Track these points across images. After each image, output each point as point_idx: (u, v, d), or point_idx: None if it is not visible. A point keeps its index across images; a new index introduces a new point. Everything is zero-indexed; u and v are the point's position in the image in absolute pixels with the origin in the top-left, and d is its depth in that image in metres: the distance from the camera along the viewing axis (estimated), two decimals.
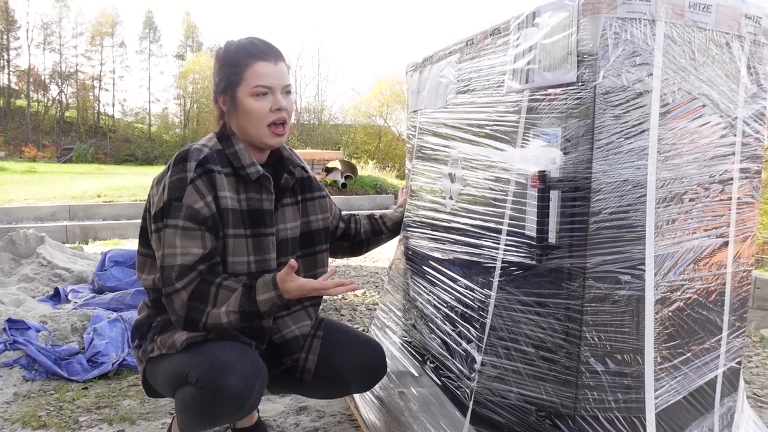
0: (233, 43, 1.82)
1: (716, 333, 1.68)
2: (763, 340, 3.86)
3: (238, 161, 1.78)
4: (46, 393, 2.78)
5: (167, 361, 1.76)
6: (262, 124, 1.77)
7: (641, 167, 1.40)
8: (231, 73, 1.78)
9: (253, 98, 1.76)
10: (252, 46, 1.78)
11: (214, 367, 1.62)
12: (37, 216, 9.19)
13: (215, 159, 1.76)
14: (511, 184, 1.60)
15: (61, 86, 42.51)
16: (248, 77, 1.75)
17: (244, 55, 1.77)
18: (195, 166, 1.72)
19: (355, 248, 2.27)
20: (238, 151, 1.79)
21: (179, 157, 1.76)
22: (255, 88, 1.75)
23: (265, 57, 1.77)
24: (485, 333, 1.69)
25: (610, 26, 1.35)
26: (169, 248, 1.68)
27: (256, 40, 1.81)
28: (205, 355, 1.67)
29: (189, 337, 1.72)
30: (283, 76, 1.80)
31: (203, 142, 1.82)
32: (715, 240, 1.60)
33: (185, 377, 1.67)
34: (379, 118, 35.29)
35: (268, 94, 1.77)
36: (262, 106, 1.76)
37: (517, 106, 1.58)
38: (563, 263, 1.44)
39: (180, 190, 1.69)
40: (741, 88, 1.58)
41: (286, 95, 1.81)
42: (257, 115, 1.76)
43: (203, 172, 1.72)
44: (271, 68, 1.77)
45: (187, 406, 1.70)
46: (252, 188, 1.80)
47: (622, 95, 1.38)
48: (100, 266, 4.38)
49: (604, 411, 1.45)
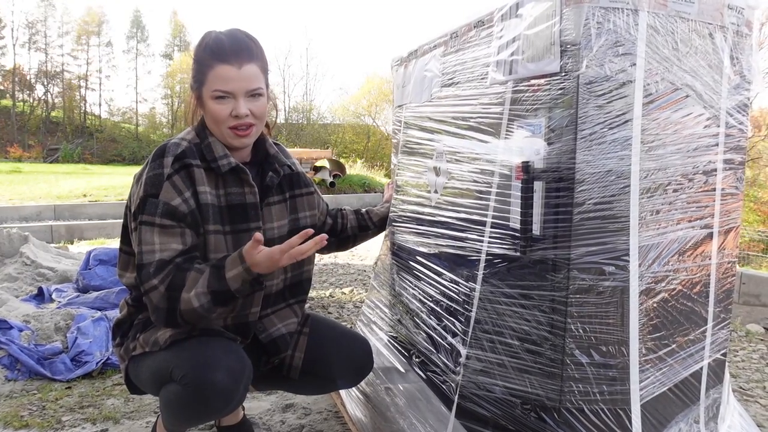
0: (206, 38, 1.75)
1: (701, 324, 1.67)
2: (749, 334, 3.89)
3: (210, 153, 1.74)
4: (28, 393, 2.74)
5: (150, 359, 1.73)
6: (223, 126, 1.72)
7: (625, 158, 1.40)
8: (197, 71, 1.73)
9: (214, 101, 1.70)
10: (218, 46, 1.70)
11: (199, 364, 1.60)
12: (22, 216, 9.10)
13: (193, 153, 1.73)
14: (496, 176, 1.59)
15: (47, 86, 42.14)
16: (210, 79, 1.69)
17: (208, 55, 1.70)
18: (172, 161, 1.68)
19: (341, 243, 2.25)
20: (211, 143, 1.75)
21: (157, 153, 1.73)
22: (214, 91, 1.69)
23: (228, 60, 1.68)
24: (470, 326, 1.68)
25: (593, 16, 1.34)
26: (147, 245, 1.64)
27: (224, 38, 1.72)
28: (189, 352, 1.65)
29: (173, 334, 1.69)
30: (247, 80, 1.69)
31: (182, 136, 1.79)
32: (700, 231, 1.60)
33: (170, 375, 1.64)
34: (368, 117, 35.32)
35: (228, 98, 1.70)
36: (222, 109, 1.70)
37: (501, 97, 1.58)
38: (547, 255, 1.44)
39: (157, 187, 1.66)
40: (724, 79, 1.58)
41: (253, 98, 1.72)
42: (217, 117, 1.71)
43: (181, 167, 1.69)
44: (232, 72, 1.68)
45: (172, 403, 1.67)
46: (232, 182, 1.77)
47: (605, 85, 1.37)
48: (84, 265, 4.33)
49: (589, 403, 1.44)
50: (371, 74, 39.84)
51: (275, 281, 1.87)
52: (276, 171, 1.89)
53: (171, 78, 41.87)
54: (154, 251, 1.64)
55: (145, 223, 1.65)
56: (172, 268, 1.63)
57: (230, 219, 1.75)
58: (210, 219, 1.71)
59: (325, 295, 4.84)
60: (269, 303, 1.88)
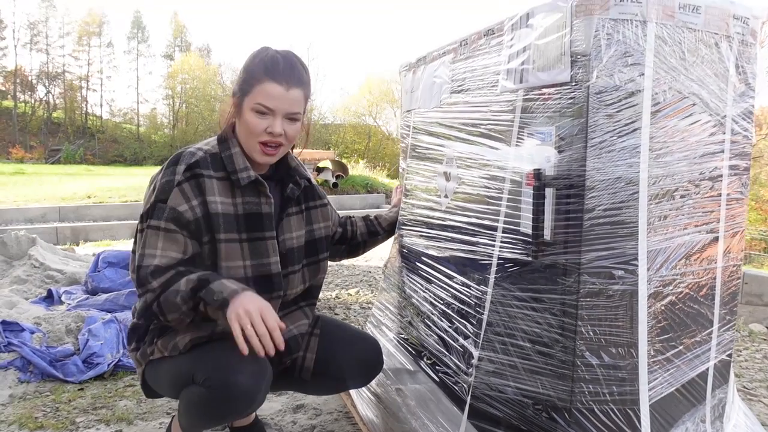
0: (262, 52, 1.80)
1: (707, 326, 1.71)
2: (752, 334, 3.92)
3: (231, 165, 1.79)
4: (41, 394, 2.78)
5: (169, 363, 1.77)
6: (254, 139, 1.77)
7: (634, 165, 1.43)
8: (245, 81, 1.77)
9: (253, 113, 1.75)
10: (272, 64, 1.75)
11: (222, 366, 1.65)
12: (27, 218, 9.13)
13: (208, 163, 1.77)
14: (507, 182, 1.63)
15: (48, 87, 42.20)
16: (255, 92, 1.74)
17: (260, 69, 1.75)
18: (184, 169, 1.73)
19: (352, 250, 2.30)
20: (233, 155, 1.80)
21: (172, 160, 1.78)
22: (257, 104, 1.73)
23: (278, 79, 1.73)
24: (482, 329, 1.72)
25: (602, 27, 1.38)
26: (149, 249, 1.69)
27: (281, 59, 1.77)
28: (211, 355, 1.70)
29: (192, 338, 1.74)
30: (290, 102, 1.75)
31: (200, 145, 1.83)
32: (706, 235, 1.64)
33: (191, 378, 1.68)
34: (369, 117, 35.32)
35: (267, 115, 1.74)
36: (258, 123, 1.75)
37: (512, 105, 1.61)
38: (558, 259, 1.47)
39: (166, 192, 1.71)
40: (730, 87, 1.62)
41: (290, 122, 1.78)
42: (251, 129, 1.76)
43: (191, 176, 1.74)
44: (279, 91, 1.73)
45: (194, 405, 1.71)
46: (248, 192, 1.81)
47: (614, 94, 1.41)
48: (93, 267, 4.37)
49: (599, 403, 1.48)
50: (371, 74, 39.88)
51: (295, 290, 1.92)
52: (297, 183, 1.94)
53: (172, 79, 41.91)
54: (155, 255, 1.68)
55: (152, 227, 1.70)
56: (174, 273, 1.68)
57: (246, 227, 1.79)
58: (221, 228, 1.74)
59: (332, 296, 4.88)
60: (283, 307, 1.92)
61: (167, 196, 1.71)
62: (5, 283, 4.50)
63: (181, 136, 36.46)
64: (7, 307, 3.69)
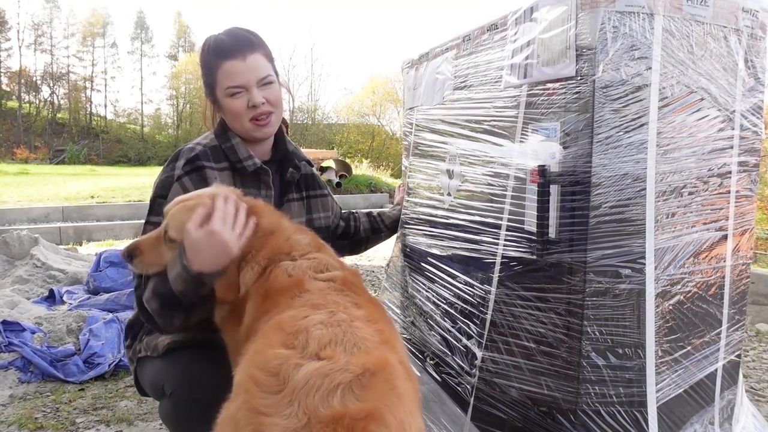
0: (207, 42, 1.79)
1: (716, 326, 1.68)
2: (759, 334, 3.88)
3: (234, 155, 1.78)
4: (42, 395, 2.76)
5: (150, 366, 1.73)
6: (243, 120, 1.76)
7: (641, 161, 1.40)
8: (207, 75, 1.77)
9: (229, 98, 1.74)
10: (219, 45, 1.74)
11: (185, 381, 1.59)
12: (30, 217, 9.13)
13: (208, 155, 1.76)
14: (510, 179, 1.60)
15: (53, 87, 42.30)
16: (220, 78, 1.73)
17: (213, 56, 1.74)
18: (184, 164, 1.72)
19: (354, 246, 2.27)
20: (235, 145, 1.79)
21: (171, 158, 1.77)
22: (227, 89, 1.72)
23: (232, 55, 1.72)
24: (485, 329, 1.69)
25: (608, 20, 1.35)
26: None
27: (224, 37, 1.76)
28: (180, 367, 1.63)
29: (169, 342, 1.69)
30: (255, 69, 1.73)
31: (198, 141, 1.82)
32: (714, 233, 1.60)
33: (162, 388, 1.65)
34: (373, 117, 35.30)
35: (241, 93, 1.73)
36: (238, 104, 1.73)
37: (516, 101, 1.58)
38: (563, 258, 1.44)
39: (166, 188, 1.70)
40: (739, 82, 1.59)
41: (265, 87, 1.76)
42: (236, 113, 1.75)
43: (192, 169, 1.72)
44: (239, 66, 1.72)
45: (165, 418, 1.68)
46: (250, 183, 1.80)
47: (621, 89, 1.37)
48: (95, 267, 4.36)
49: (605, 405, 1.45)
50: (375, 74, 39.88)
51: None
52: (296, 167, 1.93)
53: (176, 79, 41.98)
54: None
55: (151, 224, 1.68)
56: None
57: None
58: None
59: None
60: None
61: (167, 191, 1.69)
62: (7, 282, 4.49)
63: (185, 136, 36.47)
64: (8, 307, 3.68)
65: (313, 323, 1.10)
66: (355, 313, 1.21)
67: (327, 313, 1.16)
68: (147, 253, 1.51)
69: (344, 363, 0.96)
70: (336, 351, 1.00)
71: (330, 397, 0.89)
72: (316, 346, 1.01)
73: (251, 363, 1.01)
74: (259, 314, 1.31)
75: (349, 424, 0.85)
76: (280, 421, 0.86)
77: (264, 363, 0.98)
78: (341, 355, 0.99)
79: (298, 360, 0.97)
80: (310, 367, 0.94)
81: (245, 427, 0.89)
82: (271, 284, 1.38)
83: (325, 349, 1.00)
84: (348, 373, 0.94)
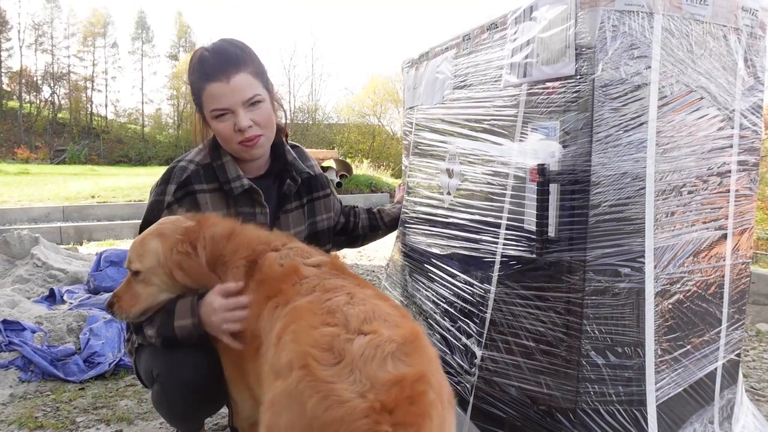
0: (193, 60, 1.72)
1: (716, 325, 1.68)
2: (759, 334, 3.88)
3: (223, 175, 1.75)
4: (42, 394, 2.76)
5: (143, 354, 1.76)
6: (232, 143, 1.72)
7: (640, 160, 1.40)
8: (194, 95, 1.73)
9: (215, 120, 1.69)
10: (202, 66, 1.67)
11: (170, 362, 1.62)
12: (31, 217, 9.13)
13: (200, 176, 1.75)
14: (510, 178, 1.60)
15: (54, 87, 42.32)
16: (205, 101, 1.69)
17: (197, 77, 1.69)
18: (175, 188, 1.71)
19: (351, 241, 2.28)
20: (225, 164, 1.76)
21: (163, 177, 1.75)
22: (212, 111, 1.68)
23: (215, 77, 1.65)
24: (485, 328, 1.69)
25: (608, 19, 1.35)
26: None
27: (209, 55, 1.68)
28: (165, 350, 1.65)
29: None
30: (240, 91, 1.65)
31: (191, 157, 1.80)
32: (714, 232, 1.61)
33: (152, 374, 1.67)
34: (373, 117, 35.28)
35: (227, 115, 1.67)
36: (225, 127, 1.69)
37: (515, 100, 1.58)
38: (563, 257, 1.44)
39: (155, 214, 1.71)
40: (738, 81, 1.59)
41: (252, 107, 1.69)
42: (223, 136, 1.71)
43: (184, 195, 1.72)
44: (222, 89, 1.64)
45: (157, 403, 1.71)
46: (243, 202, 1.78)
47: (620, 88, 1.38)
48: (95, 267, 4.36)
49: (605, 404, 1.45)
50: (375, 74, 39.88)
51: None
52: (294, 179, 1.90)
53: (177, 79, 41.97)
54: None
55: None
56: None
57: None
58: None
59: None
60: None
61: (156, 217, 1.70)
62: (7, 282, 4.49)
63: (186, 137, 36.49)
64: (8, 306, 3.68)
65: (341, 304, 1.23)
66: (366, 292, 1.33)
67: (345, 294, 1.28)
68: (123, 297, 1.58)
69: (388, 335, 1.10)
70: (376, 326, 1.13)
71: (384, 364, 1.03)
72: (356, 322, 1.13)
73: (299, 343, 1.11)
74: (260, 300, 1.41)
75: (407, 385, 0.99)
76: (347, 386, 0.99)
77: (315, 341, 1.09)
78: (383, 329, 1.12)
79: (347, 336, 1.09)
80: (362, 341, 1.07)
81: (312, 396, 0.99)
82: (266, 273, 1.46)
83: (366, 325, 1.13)
84: (393, 344, 1.07)
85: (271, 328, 1.29)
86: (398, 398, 0.97)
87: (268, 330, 1.30)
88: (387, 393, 0.98)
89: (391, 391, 0.98)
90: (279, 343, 1.17)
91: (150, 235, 1.56)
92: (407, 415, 0.96)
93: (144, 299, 1.57)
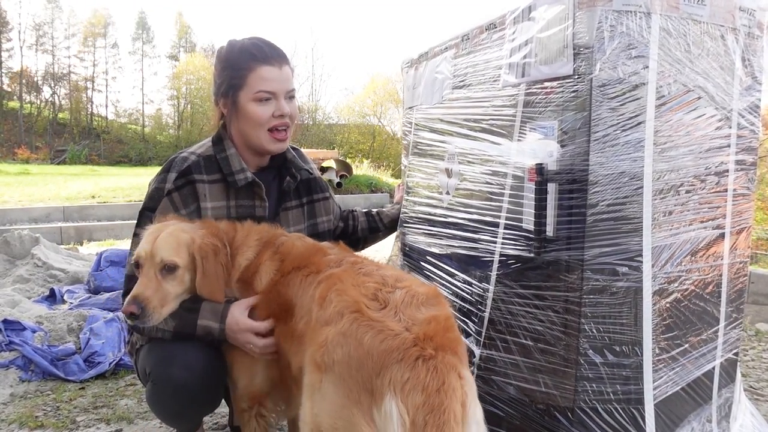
0: (236, 44, 1.77)
1: (713, 324, 1.68)
2: (758, 333, 3.88)
3: (227, 167, 1.76)
4: (42, 393, 2.77)
5: (140, 354, 1.77)
6: (263, 129, 1.74)
7: (638, 159, 1.41)
8: (233, 77, 1.74)
9: (256, 103, 1.72)
10: (256, 49, 1.73)
11: (160, 360, 1.63)
12: (32, 217, 9.15)
13: (201, 167, 1.75)
14: (509, 178, 1.60)
15: (54, 87, 42.33)
16: (251, 81, 1.71)
17: (247, 58, 1.72)
18: (176, 177, 1.71)
19: (351, 245, 2.26)
20: (229, 157, 1.77)
21: (164, 167, 1.76)
22: (258, 93, 1.71)
23: (270, 61, 1.72)
24: (483, 327, 1.69)
25: (606, 19, 1.36)
26: (131, 256, 1.67)
27: (260, 42, 1.76)
28: (158, 348, 1.67)
29: None
30: (287, 80, 1.75)
31: (193, 149, 1.81)
32: (712, 231, 1.61)
33: (146, 371, 1.68)
34: (373, 117, 35.28)
35: (271, 100, 1.73)
36: (264, 111, 1.72)
37: (514, 99, 1.59)
38: (561, 256, 1.45)
39: (155, 201, 1.71)
40: (736, 81, 1.59)
41: (290, 100, 1.77)
42: (258, 120, 1.73)
43: (185, 183, 1.72)
44: (275, 73, 1.72)
45: (150, 402, 1.72)
46: (243, 195, 1.79)
47: (618, 87, 1.38)
48: (95, 266, 4.36)
49: (603, 402, 1.45)
50: (375, 74, 39.87)
51: None
52: (293, 176, 1.91)
53: (177, 79, 41.95)
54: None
55: (137, 236, 1.69)
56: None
57: None
58: None
59: None
60: None
61: (156, 204, 1.70)
62: (8, 281, 4.50)
63: (186, 137, 36.49)
64: (9, 306, 3.69)
65: (373, 269, 1.47)
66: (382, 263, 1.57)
67: (371, 263, 1.53)
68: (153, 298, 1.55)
69: (418, 289, 1.34)
70: (407, 283, 1.38)
71: (420, 308, 1.28)
72: (391, 280, 1.38)
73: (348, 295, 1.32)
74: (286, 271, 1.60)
75: (441, 320, 1.24)
76: (395, 324, 1.22)
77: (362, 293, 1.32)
78: (414, 285, 1.37)
79: (387, 289, 1.34)
80: (401, 292, 1.32)
81: (368, 332, 1.21)
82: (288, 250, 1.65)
83: (399, 282, 1.37)
84: (424, 295, 1.33)
85: (303, 293, 1.50)
86: (436, 329, 1.20)
87: (301, 294, 1.51)
88: (427, 326, 1.21)
89: (430, 325, 1.21)
90: (324, 302, 1.37)
91: (177, 229, 1.58)
92: (444, 340, 1.19)
93: (173, 298, 1.58)
